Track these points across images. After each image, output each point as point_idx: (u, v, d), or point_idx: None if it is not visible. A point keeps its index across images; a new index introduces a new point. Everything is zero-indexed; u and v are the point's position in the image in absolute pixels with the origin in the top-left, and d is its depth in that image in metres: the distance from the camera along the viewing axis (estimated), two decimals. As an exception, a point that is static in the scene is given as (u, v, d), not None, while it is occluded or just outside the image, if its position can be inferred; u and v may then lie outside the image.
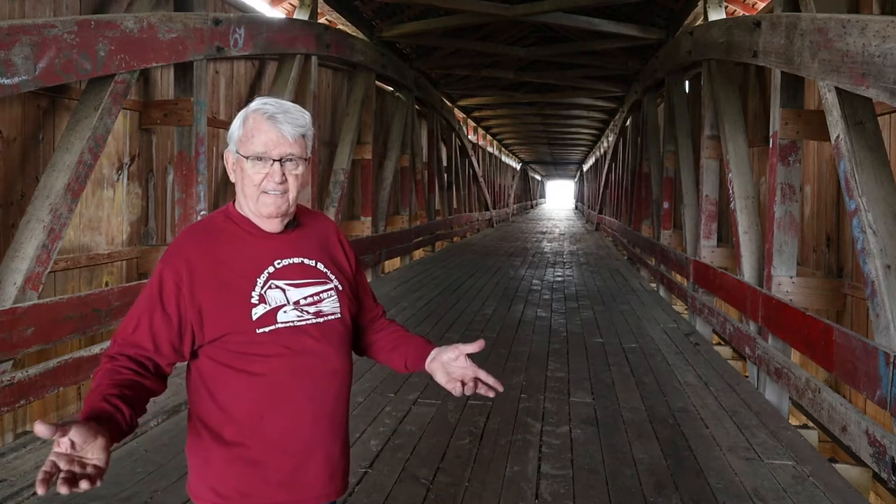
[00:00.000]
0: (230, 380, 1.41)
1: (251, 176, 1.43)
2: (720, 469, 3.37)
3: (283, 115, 1.44)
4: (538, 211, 49.99)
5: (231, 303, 1.41)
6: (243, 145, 1.44)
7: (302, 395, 1.43)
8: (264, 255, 1.46)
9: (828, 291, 5.09)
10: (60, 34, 3.84)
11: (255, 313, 1.40)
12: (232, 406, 1.41)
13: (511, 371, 5.11)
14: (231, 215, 1.50)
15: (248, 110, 1.47)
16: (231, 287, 1.42)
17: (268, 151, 1.42)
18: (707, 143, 7.17)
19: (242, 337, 1.40)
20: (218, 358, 1.41)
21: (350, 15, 9.77)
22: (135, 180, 5.49)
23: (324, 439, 1.46)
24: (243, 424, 1.40)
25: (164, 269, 1.43)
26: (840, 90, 3.69)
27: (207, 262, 1.43)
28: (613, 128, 19.40)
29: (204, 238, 1.47)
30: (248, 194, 1.45)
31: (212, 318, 1.40)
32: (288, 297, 1.44)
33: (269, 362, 1.41)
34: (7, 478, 3.09)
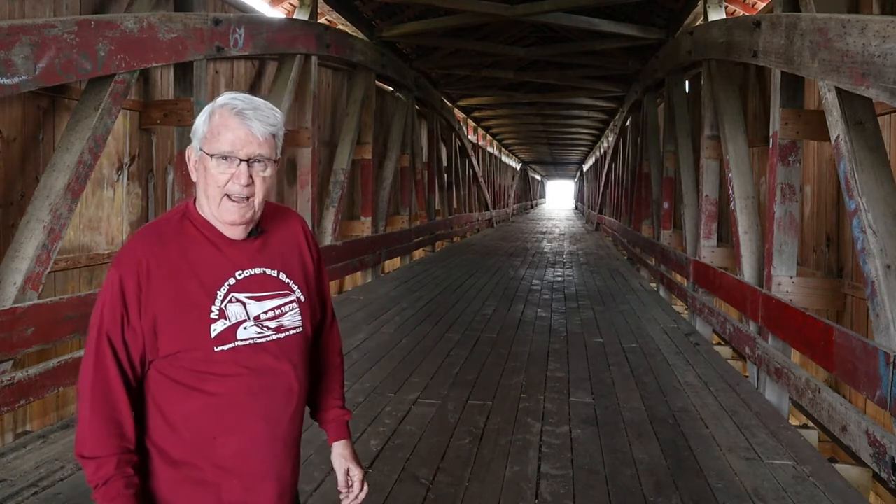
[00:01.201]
0: (183, 398, 1.31)
1: (215, 176, 1.31)
2: (720, 469, 3.37)
3: (252, 112, 1.33)
4: (538, 211, 50.00)
5: (189, 317, 1.30)
6: (208, 142, 1.32)
7: (258, 416, 1.35)
8: (225, 265, 1.35)
9: (828, 291, 5.09)
10: (60, 34, 3.84)
11: (213, 330, 1.30)
12: (183, 425, 1.32)
13: (511, 371, 5.11)
14: (190, 216, 1.37)
15: (214, 105, 1.35)
16: (189, 299, 1.30)
17: (235, 150, 1.31)
18: (707, 143, 7.17)
19: (199, 354, 1.30)
20: (170, 374, 1.31)
21: (350, 15, 9.77)
22: (135, 180, 5.49)
23: (277, 461, 1.38)
24: (194, 445, 1.32)
25: (123, 276, 1.29)
26: (840, 90, 3.69)
27: (163, 270, 1.30)
28: (613, 128, 19.40)
29: (158, 242, 1.34)
30: (210, 196, 1.33)
31: (167, 333, 1.29)
32: (248, 311, 1.34)
33: (225, 382, 1.31)
34: (7, 478, 3.09)
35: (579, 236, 21.26)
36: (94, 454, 1.26)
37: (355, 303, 7.95)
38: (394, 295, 8.60)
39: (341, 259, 8.63)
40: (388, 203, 11.21)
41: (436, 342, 5.99)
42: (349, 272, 9.25)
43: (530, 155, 40.56)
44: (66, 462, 3.25)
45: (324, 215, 8.45)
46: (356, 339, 6.04)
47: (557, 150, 36.45)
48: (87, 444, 1.27)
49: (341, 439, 1.57)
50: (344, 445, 1.56)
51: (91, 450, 1.26)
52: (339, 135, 9.26)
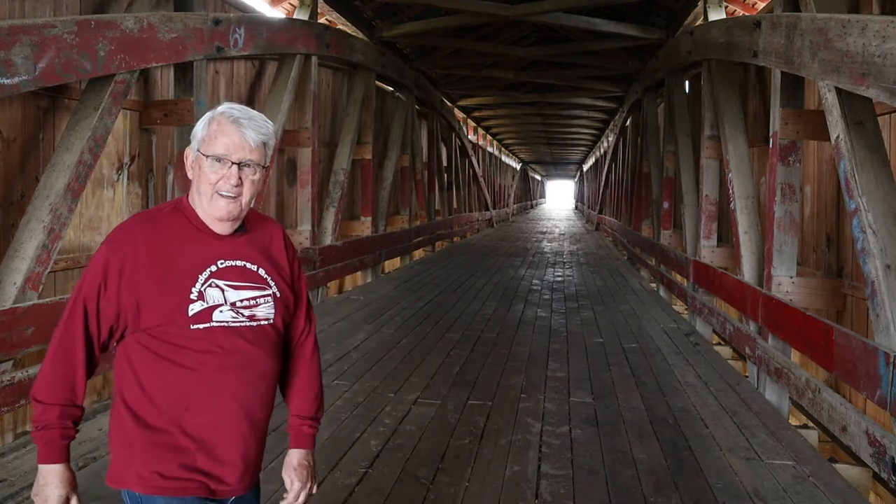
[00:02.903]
0: (159, 368, 1.44)
1: (208, 175, 1.47)
2: (720, 469, 3.37)
3: (247, 121, 1.48)
4: (538, 211, 50.00)
5: (170, 296, 1.44)
6: (205, 145, 1.48)
7: (228, 393, 1.47)
8: (208, 254, 1.49)
9: (828, 291, 5.09)
10: (60, 34, 3.84)
11: (191, 309, 1.44)
12: (158, 394, 1.44)
13: (511, 371, 5.11)
14: (183, 208, 1.53)
15: (214, 112, 1.51)
16: (172, 280, 1.45)
17: (228, 154, 1.47)
18: (707, 143, 7.17)
19: (177, 330, 1.43)
20: (149, 345, 1.44)
21: (350, 15, 9.77)
22: (135, 180, 5.49)
23: (244, 439, 1.49)
24: (168, 413, 1.44)
25: (110, 254, 1.45)
26: (840, 90, 3.69)
27: (151, 252, 1.46)
28: (613, 128, 19.41)
29: (150, 227, 1.49)
30: (202, 192, 1.48)
31: (149, 308, 1.43)
32: (226, 297, 1.48)
33: (199, 357, 1.45)
34: (7, 478, 3.09)
35: (579, 236, 21.26)
36: (43, 399, 1.42)
37: (355, 303, 7.95)
38: (394, 295, 8.60)
39: (341, 259, 8.63)
40: (388, 203, 11.20)
41: (436, 342, 5.99)
42: (349, 272, 9.25)
43: (530, 155, 40.56)
44: (66, 462, 3.25)
45: (324, 215, 8.45)
46: (356, 339, 6.04)
47: (557, 150, 36.45)
48: (40, 389, 1.43)
49: (297, 447, 1.66)
50: (298, 454, 1.65)
51: (41, 395, 1.43)
52: (339, 135, 9.26)
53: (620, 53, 12.59)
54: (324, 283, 8.07)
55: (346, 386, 4.60)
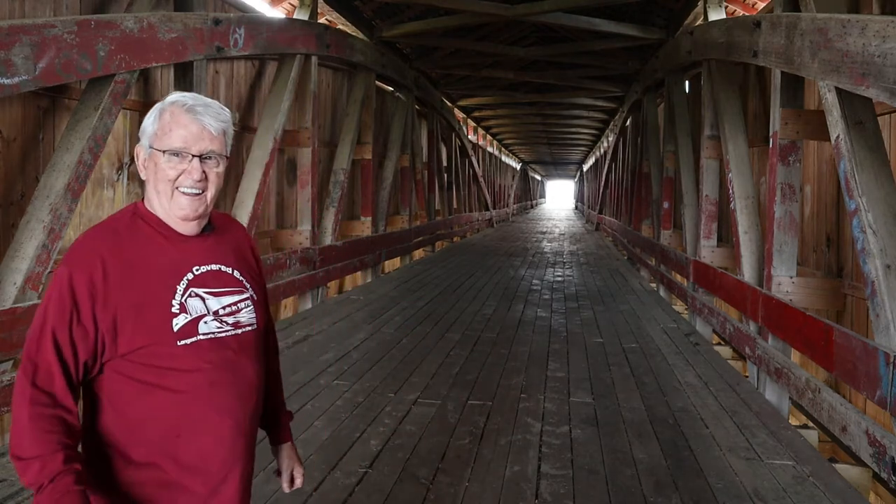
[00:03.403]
0: (143, 397, 1.29)
1: (166, 171, 1.33)
2: (720, 469, 3.37)
3: (204, 108, 1.35)
4: (538, 211, 50.00)
5: (150, 312, 1.29)
6: (159, 139, 1.33)
7: (223, 411, 1.34)
8: (181, 260, 1.35)
9: (828, 291, 5.10)
10: (60, 34, 3.84)
11: (175, 324, 1.30)
12: (144, 425, 1.29)
13: (511, 371, 5.11)
14: (141, 214, 1.37)
15: (164, 103, 1.36)
16: (149, 294, 1.30)
17: (187, 146, 1.33)
18: (707, 143, 7.17)
19: (161, 349, 1.28)
20: (128, 373, 1.29)
21: (350, 15, 9.77)
22: (135, 180, 5.49)
23: (241, 457, 1.38)
24: (157, 444, 1.30)
25: (74, 274, 1.27)
26: (840, 90, 3.69)
27: (120, 266, 1.29)
28: (613, 128, 19.41)
29: (113, 238, 1.33)
30: (161, 192, 1.34)
31: (128, 329, 1.27)
32: (207, 306, 1.35)
33: (188, 377, 1.30)
34: (7, 478, 3.09)
35: (579, 236, 21.26)
36: (34, 454, 1.20)
37: (355, 303, 7.95)
38: (394, 295, 8.60)
39: (341, 259, 8.63)
40: (388, 203, 11.20)
41: (436, 342, 5.99)
42: (349, 272, 9.25)
43: (530, 155, 40.56)
44: (66, 462, 3.25)
45: (324, 215, 8.45)
46: (356, 339, 6.04)
47: (557, 150, 36.45)
48: (24, 444, 1.20)
49: (288, 441, 1.65)
50: (291, 447, 1.65)
51: (32, 449, 1.20)
52: (339, 135, 9.26)
53: (620, 53, 12.59)
54: (324, 283, 8.07)
55: (346, 386, 4.60)
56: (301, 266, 7.33)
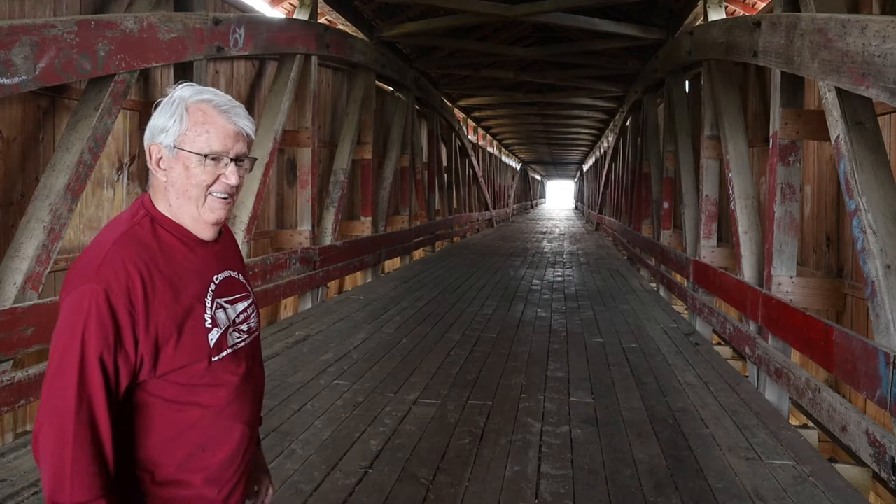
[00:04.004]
0: (175, 415, 1.23)
1: (200, 175, 1.24)
2: (720, 469, 3.37)
3: (237, 109, 1.29)
4: (538, 211, 49.99)
5: (189, 329, 1.22)
6: (190, 140, 1.24)
7: (242, 421, 1.32)
8: (203, 270, 1.28)
9: (828, 291, 5.09)
10: (60, 34, 3.84)
11: (210, 339, 1.25)
12: (174, 444, 1.23)
13: (511, 371, 5.11)
14: (160, 221, 1.27)
15: (187, 100, 1.26)
16: (186, 310, 1.22)
17: (227, 150, 1.26)
18: (707, 143, 7.17)
19: (199, 367, 1.22)
20: (161, 393, 1.21)
21: (350, 15, 9.77)
22: (135, 180, 5.49)
23: (250, 462, 1.37)
24: (185, 460, 1.24)
25: (111, 292, 1.14)
26: (840, 90, 3.69)
27: (155, 281, 1.19)
28: (613, 128, 19.41)
29: (143, 250, 1.21)
30: (192, 196, 1.25)
31: (169, 349, 1.19)
32: (228, 316, 1.30)
33: (216, 392, 1.26)
34: (7, 478, 3.09)
35: (579, 236, 21.26)
36: (79, 499, 1.10)
37: (355, 303, 7.95)
38: (394, 295, 8.60)
39: (341, 259, 8.63)
40: (388, 203, 11.21)
41: (436, 342, 5.99)
42: (349, 272, 9.25)
43: (530, 155, 40.56)
44: (66, 462, 3.25)
45: (324, 215, 8.45)
46: (356, 339, 6.04)
47: (557, 150, 36.45)
48: (66, 488, 1.09)
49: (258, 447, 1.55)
50: (259, 453, 1.54)
51: (74, 494, 1.09)
52: (339, 135, 9.26)
53: (620, 53, 12.59)
54: (324, 283, 8.07)
55: (346, 386, 4.60)
56: (301, 266, 7.33)
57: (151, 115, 1.29)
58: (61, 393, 1.11)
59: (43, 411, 1.12)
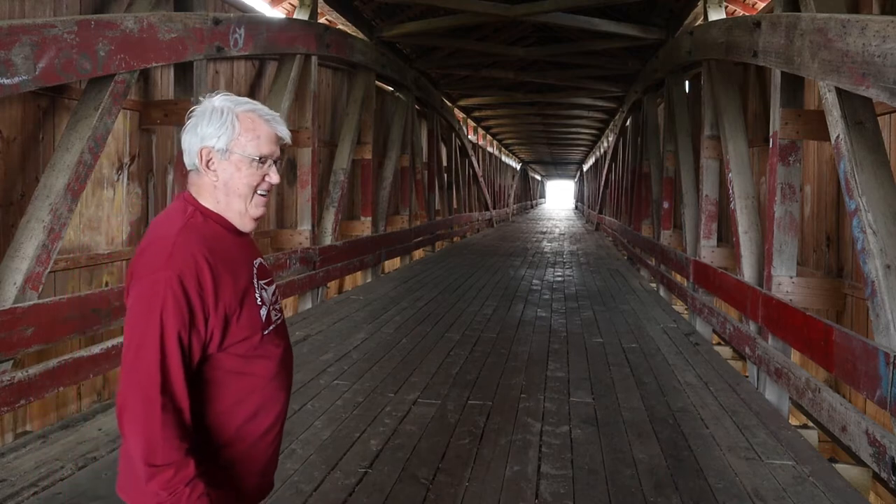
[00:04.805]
0: (234, 384, 1.40)
1: (251, 176, 1.43)
2: (720, 469, 3.37)
3: (277, 118, 1.48)
4: (538, 211, 49.99)
5: (248, 306, 1.41)
6: (241, 145, 1.41)
7: (284, 390, 1.50)
8: (247, 256, 1.47)
9: (828, 291, 5.09)
10: (60, 34, 3.84)
11: (262, 315, 1.44)
12: (233, 411, 1.41)
13: (511, 371, 5.11)
14: (209, 215, 1.44)
15: (234, 109, 1.43)
16: (243, 289, 1.41)
17: (272, 153, 1.45)
18: (707, 143, 7.16)
19: (255, 339, 1.42)
20: (223, 364, 1.39)
21: (350, 15, 9.77)
22: (135, 180, 5.49)
23: (283, 428, 1.54)
24: (240, 426, 1.42)
25: (183, 277, 1.31)
26: (840, 90, 3.69)
27: (218, 266, 1.37)
28: (613, 128, 19.41)
29: (203, 240, 1.38)
30: (241, 194, 1.43)
31: (234, 324, 1.38)
32: (267, 296, 1.49)
33: (266, 363, 1.44)
34: (7, 478, 3.09)
35: (579, 236, 21.26)
36: (170, 459, 1.26)
37: (355, 303, 7.95)
38: (394, 295, 8.60)
39: (341, 259, 8.63)
40: (388, 203, 11.20)
41: (436, 342, 5.99)
42: (349, 272, 9.25)
43: (530, 155, 40.55)
44: (66, 462, 3.26)
45: (324, 215, 8.45)
46: (356, 339, 6.04)
47: (557, 150, 36.44)
48: (159, 450, 1.25)
49: None
50: None
51: (166, 456, 1.26)
52: (339, 135, 9.26)
53: (620, 53, 12.59)
54: (324, 283, 8.07)
55: (346, 386, 4.60)
56: (301, 266, 7.33)
57: (188, 122, 1.45)
58: (146, 367, 1.27)
59: (127, 386, 1.28)
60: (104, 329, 4.29)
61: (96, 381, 4.95)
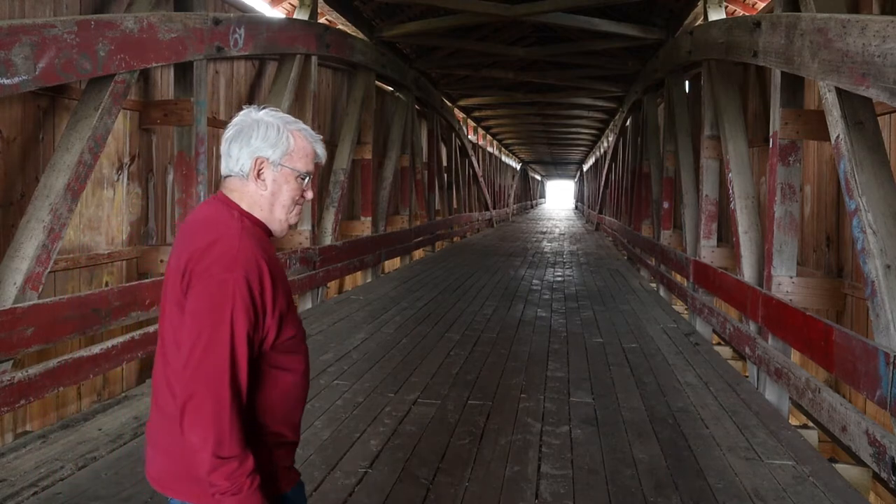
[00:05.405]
0: (279, 379, 1.49)
1: (294, 190, 1.54)
2: (720, 469, 3.37)
3: (318, 138, 1.59)
4: (538, 211, 49.99)
5: (292, 306, 1.52)
6: (292, 160, 1.52)
7: (308, 379, 1.61)
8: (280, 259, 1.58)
9: (828, 291, 5.09)
10: (60, 34, 3.84)
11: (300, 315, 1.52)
12: (277, 403, 1.49)
13: (511, 371, 5.11)
14: (253, 221, 1.52)
15: (288, 126, 1.53)
16: (289, 290, 1.53)
17: (311, 170, 1.57)
18: (707, 143, 7.16)
19: (299, 336, 1.53)
20: (270, 361, 1.47)
21: (350, 15, 9.77)
22: (135, 180, 5.49)
23: None
24: (282, 416, 1.51)
25: (249, 278, 1.39)
26: (840, 90, 3.69)
27: (272, 269, 1.45)
28: (613, 128, 19.40)
29: (259, 244, 1.47)
30: (285, 204, 1.54)
31: (286, 324, 1.47)
32: None
33: (303, 359, 1.56)
34: (7, 478, 3.09)
35: (579, 236, 21.26)
36: (235, 452, 1.34)
37: (355, 303, 7.95)
38: (394, 295, 8.60)
39: (341, 259, 8.63)
40: (388, 203, 11.20)
41: (436, 342, 5.99)
42: (349, 272, 9.25)
43: (530, 155, 40.55)
44: (65, 462, 3.26)
45: (324, 215, 8.45)
46: (356, 339, 6.04)
47: (557, 150, 36.44)
48: (226, 443, 1.33)
49: None
50: None
51: (232, 449, 1.33)
52: (339, 135, 9.26)
53: (620, 53, 12.59)
54: (324, 283, 8.07)
55: (346, 386, 4.60)
56: (301, 266, 7.33)
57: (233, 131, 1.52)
58: (217, 364, 1.34)
59: (194, 381, 1.34)
60: (104, 329, 4.29)
61: (96, 381, 4.95)
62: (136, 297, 4.56)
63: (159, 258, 5.41)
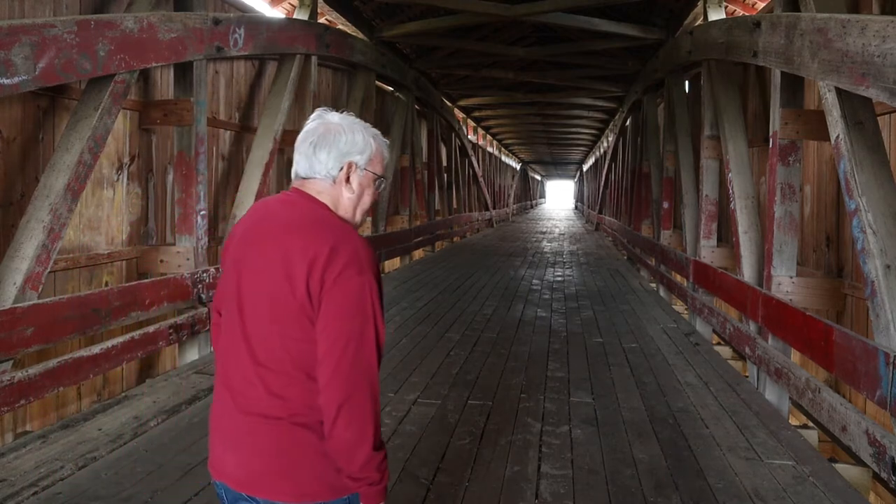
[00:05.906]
0: None
1: (372, 193, 1.60)
2: (720, 469, 3.37)
3: (388, 144, 1.65)
4: (538, 211, 49.99)
5: None
6: (373, 164, 1.58)
7: None
8: None
9: (828, 291, 5.09)
10: (60, 34, 3.83)
11: None
12: None
13: (511, 371, 5.11)
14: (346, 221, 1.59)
15: (368, 132, 1.58)
16: None
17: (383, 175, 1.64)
18: (707, 143, 7.16)
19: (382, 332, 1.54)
20: None
21: (350, 15, 9.77)
22: (135, 180, 5.49)
23: None
24: None
25: (378, 279, 1.47)
26: (840, 90, 3.69)
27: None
28: (613, 128, 19.40)
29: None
30: (364, 207, 1.60)
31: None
32: None
33: None
34: (7, 478, 3.09)
35: (579, 236, 21.26)
36: (381, 443, 1.42)
37: (355, 303, 7.93)
38: (394, 295, 8.60)
39: (341, 259, 8.61)
40: (388, 203, 11.20)
41: (436, 342, 5.99)
42: (349, 272, 9.23)
43: (530, 155, 40.55)
44: (65, 462, 3.25)
45: (324, 215, 8.43)
46: (356, 339, 6.03)
47: (557, 150, 36.44)
48: (379, 436, 1.42)
49: None
50: None
51: (380, 440, 1.42)
52: (339, 135, 9.24)
53: (620, 53, 12.59)
54: (324, 283, 8.05)
55: (346, 386, 4.59)
56: (301, 266, 7.31)
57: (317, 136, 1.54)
58: (369, 362, 1.41)
59: (351, 383, 1.39)
60: (104, 329, 4.29)
61: (96, 381, 4.95)
62: (136, 297, 4.56)
63: (159, 258, 5.41)
